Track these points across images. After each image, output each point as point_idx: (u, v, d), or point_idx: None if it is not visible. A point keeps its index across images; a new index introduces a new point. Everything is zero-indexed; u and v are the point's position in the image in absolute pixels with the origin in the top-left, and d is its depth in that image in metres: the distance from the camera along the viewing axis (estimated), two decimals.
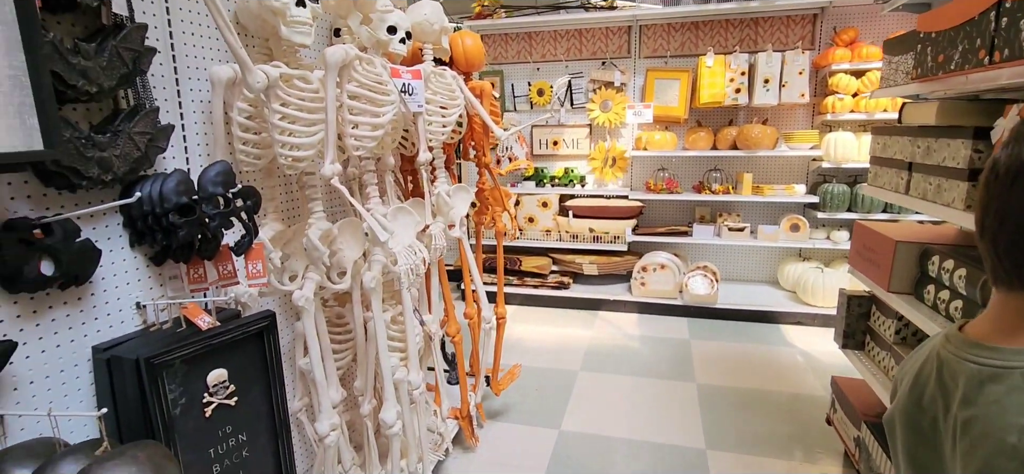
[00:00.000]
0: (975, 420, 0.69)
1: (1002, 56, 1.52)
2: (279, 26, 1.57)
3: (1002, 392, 0.68)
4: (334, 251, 1.85)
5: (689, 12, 4.58)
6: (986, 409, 0.68)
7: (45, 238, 1.14)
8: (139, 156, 1.31)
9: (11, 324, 1.13)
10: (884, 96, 2.39)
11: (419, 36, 2.23)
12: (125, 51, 1.25)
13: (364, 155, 1.88)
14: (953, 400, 0.75)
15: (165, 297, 1.45)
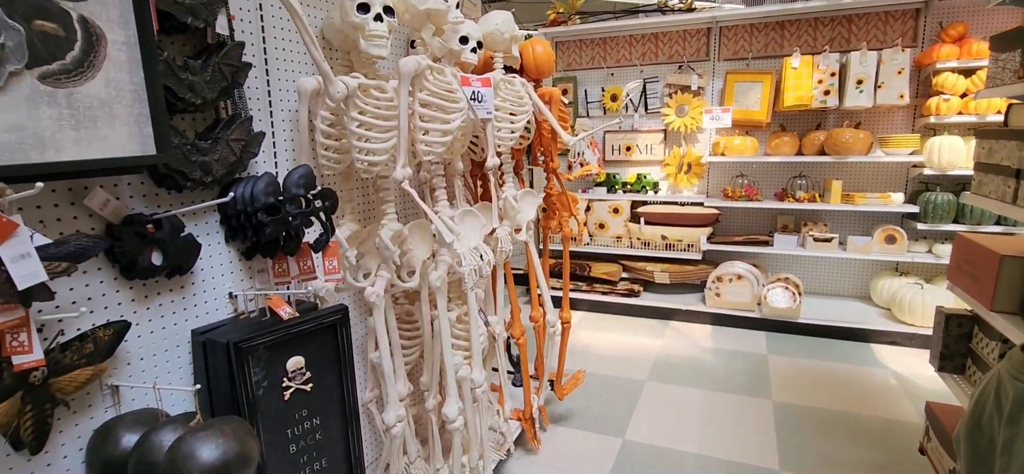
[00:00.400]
0: (1014, 440, 0.64)
1: None
2: (359, 40, 1.68)
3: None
4: (404, 251, 1.95)
5: (773, 11, 4.37)
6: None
7: (156, 232, 1.30)
8: (234, 160, 1.45)
9: (126, 307, 1.30)
10: (990, 96, 2.18)
11: (490, 45, 2.30)
12: (226, 67, 1.40)
13: (434, 160, 1.96)
14: (1002, 419, 0.70)
15: (253, 288, 1.60)
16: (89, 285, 1.22)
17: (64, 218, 1.17)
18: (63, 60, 1.03)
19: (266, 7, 1.61)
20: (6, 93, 0.95)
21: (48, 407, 1.12)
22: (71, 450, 1.20)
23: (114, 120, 1.12)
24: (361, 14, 1.65)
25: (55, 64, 1.01)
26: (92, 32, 1.07)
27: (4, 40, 0.94)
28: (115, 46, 1.10)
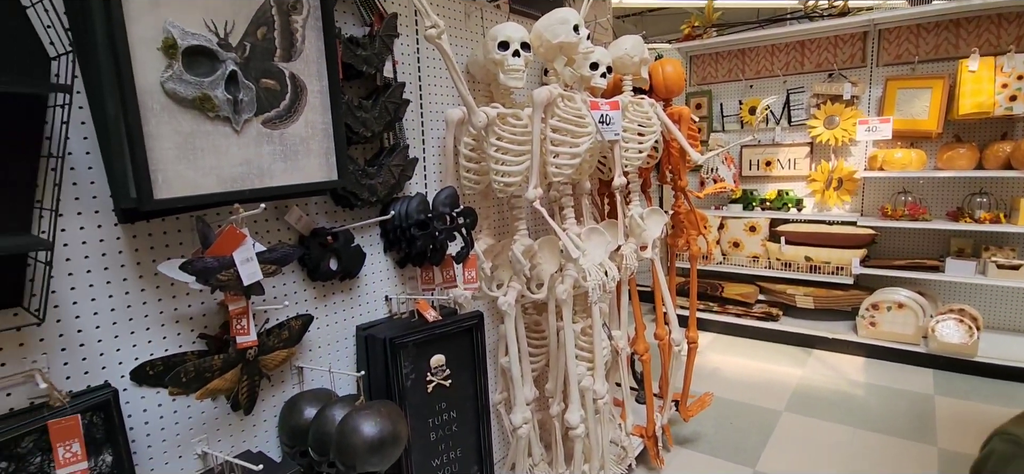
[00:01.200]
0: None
1: None
2: (498, 73, 1.87)
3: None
4: (534, 265, 2.10)
5: (946, 9, 3.89)
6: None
7: (333, 243, 1.58)
8: (394, 183, 1.71)
9: (311, 304, 1.59)
10: None
11: (619, 69, 2.38)
12: (390, 104, 1.66)
13: (563, 181, 2.09)
14: None
15: (404, 293, 1.84)
16: (286, 284, 1.52)
17: (271, 230, 1.48)
18: (278, 108, 1.32)
19: (422, 52, 1.87)
20: (242, 135, 1.25)
21: (257, 379, 1.42)
22: (269, 415, 1.51)
23: (309, 153, 1.40)
24: (501, 51, 1.83)
25: (273, 112, 1.31)
26: (298, 85, 1.35)
27: (243, 96, 1.24)
28: (313, 94, 1.39)
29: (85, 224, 1.14)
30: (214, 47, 1.20)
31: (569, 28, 1.90)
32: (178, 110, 1.15)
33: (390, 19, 1.65)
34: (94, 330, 1.16)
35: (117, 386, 1.17)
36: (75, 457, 1.03)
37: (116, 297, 1.19)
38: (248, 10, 1.26)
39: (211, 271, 1.19)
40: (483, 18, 2.12)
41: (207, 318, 1.35)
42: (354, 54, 1.54)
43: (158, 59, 1.12)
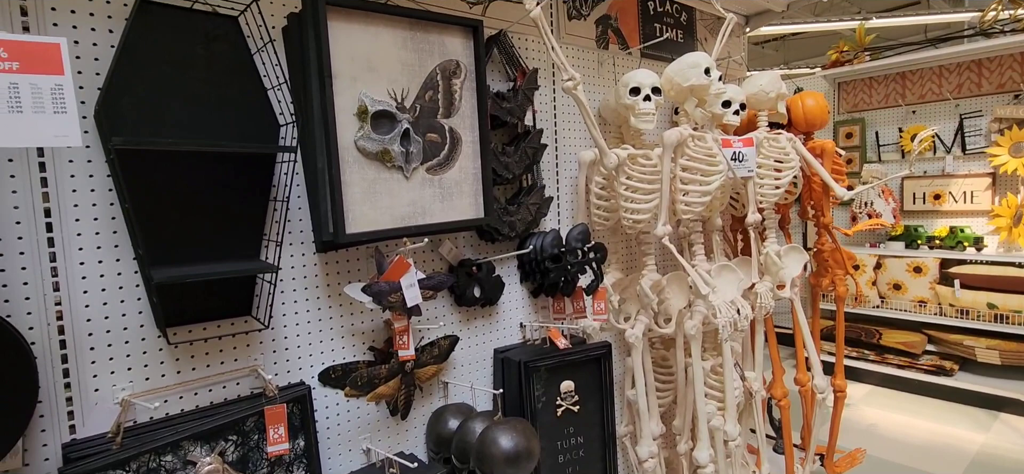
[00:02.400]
0: None
1: None
2: (629, 117, 1.98)
3: None
4: (662, 299, 2.14)
5: None
6: None
7: (477, 273, 1.78)
8: (531, 220, 1.87)
9: (457, 326, 1.80)
10: None
11: (754, 105, 2.36)
12: (529, 149, 1.84)
13: (692, 218, 2.12)
14: None
15: (538, 321, 1.99)
16: (438, 307, 1.74)
17: (426, 260, 1.71)
18: (438, 157, 1.55)
19: (559, 99, 2.04)
20: (411, 181, 1.50)
21: (412, 389, 1.64)
22: (419, 422, 1.72)
23: (462, 194, 1.61)
24: (633, 96, 1.94)
25: (434, 160, 1.55)
26: (455, 137, 1.58)
27: (413, 148, 1.49)
28: (466, 144, 1.61)
29: (294, 253, 1.44)
30: (393, 110, 1.46)
31: (700, 72, 1.95)
32: (365, 162, 1.42)
33: (531, 74, 1.84)
34: (296, 337, 1.45)
35: (310, 384, 1.45)
36: (281, 438, 1.30)
37: (313, 312, 1.47)
38: (420, 79, 1.51)
39: (384, 293, 1.43)
40: (615, 65, 2.25)
41: (375, 333, 1.60)
42: (500, 107, 1.75)
43: (353, 122, 1.40)
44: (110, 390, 1.18)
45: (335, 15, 1.35)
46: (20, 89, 0.79)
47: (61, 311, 1.13)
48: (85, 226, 1.16)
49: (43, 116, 0.81)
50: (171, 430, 1.19)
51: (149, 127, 1.19)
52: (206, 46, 1.28)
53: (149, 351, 1.23)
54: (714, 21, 2.71)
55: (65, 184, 1.14)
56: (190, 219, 1.24)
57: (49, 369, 1.12)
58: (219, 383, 1.33)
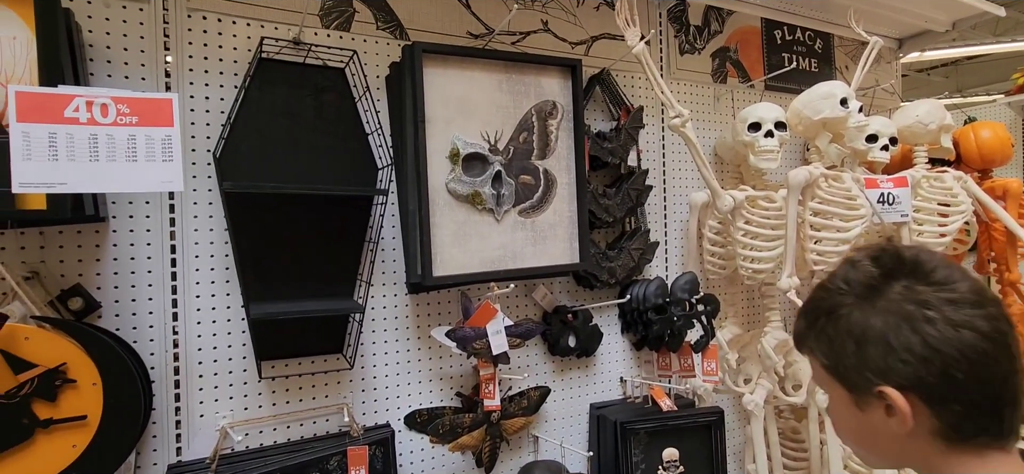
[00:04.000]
0: None
1: None
2: (748, 155, 1.78)
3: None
4: (789, 363, 1.86)
5: None
6: None
7: (573, 321, 1.68)
8: (633, 266, 1.74)
9: (549, 377, 1.70)
10: None
11: (909, 139, 2.02)
12: (632, 191, 1.72)
13: (827, 270, 1.83)
14: None
15: (640, 377, 1.82)
16: (528, 356, 1.66)
17: (519, 305, 1.65)
18: (532, 199, 1.50)
19: (668, 137, 1.90)
20: (502, 223, 1.46)
21: (498, 441, 1.57)
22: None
23: (556, 238, 1.54)
24: (752, 132, 1.74)
25: (527, 203, 1.49)
26: (549, 179, 1.52)
27: (504, 191, 1.45)
28: (561, 186, 1.54)
29: (387, 293, 1.46)
30: (486, 153, 1.44)
31: (834, 103, 1.70)
32: (455, 204, 1.41)
33: (636, 112, 1.73)
34: (384, 378, 1.45)
35: (394, 428, 1.43)
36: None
37: (401, 353, 1.47)
38: (514, 120, 1.49)
39: (468, 339, 1.39)
40: (734, 100, 2.06)
41: (463, 379, 1.56)
42: (600, 147, 1.66)
43: (445, 165, 1.40)
44: (213, 417, 1.26)
45: (432, 62, 1.38)
46: (137, 140, 0.88)
47: (177, 340, 1.24)
48: (202, 263, 1.26)
49: (154, 164, 0.89)
50: (261, 461, 1.24)
51: (263, 172, 1.28)
52: (315, 97, 1.37)
53: (249, 383, 1.30)
54: (857, 47, 2.40)
55: (189, 224, 1.25)
56: (292, 258, 1.31)
57: (164, 393, 1.22)
58: (309, 419, 1.36)
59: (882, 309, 0.64)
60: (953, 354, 0.60)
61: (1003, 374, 0.61)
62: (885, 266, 0.67)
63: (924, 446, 0.64)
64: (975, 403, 0.61)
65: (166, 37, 1.23)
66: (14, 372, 0.95)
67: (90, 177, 0.85)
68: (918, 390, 0.62)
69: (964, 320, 0.61)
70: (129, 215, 1.20)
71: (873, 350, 0.64)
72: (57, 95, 0.83)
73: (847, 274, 0.70)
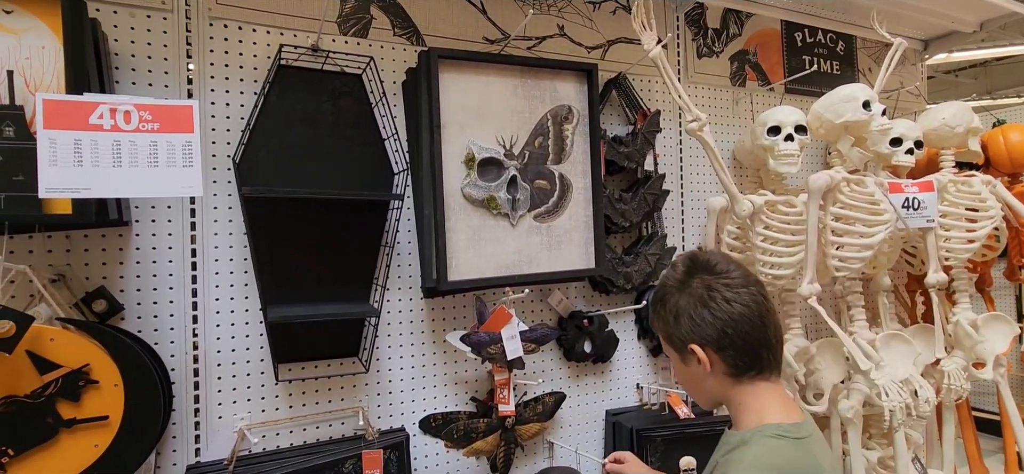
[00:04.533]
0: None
1: None
2: (768, 159, 1.75)
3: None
4: (811, 370, 1.82)
5: None
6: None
7: (589, 326, 1.67)
8: (649, 271, 1.72)
9: (564, 382, 1.69)
10: None
11: (935, 142, 1.97)
12: (649, 195, 1.70)
13: (850, 276, 1.79)
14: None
15: (657, 383, 1.80)
16: (543, 361, 1.65)
17: (534, 310, 1.64)
18: (547, 204, 1.50)
19: (685, 142, 1.88)
20: (517, 228, 1.46)
21: (513, 446, 1.56)
22: None
23: (571, 243, 1.53)
24: (772, 136, 1.72)
25: (542, 207, 1.49)
26: (565, 183, 1.52)
27: (520, 195, 1.45)
28: (577, 191, 1.53)
29: (403, 297, 1.47)
30: (501, 157, 1.44)
31: (856, 105, 1.67)
32: (470, 209, 1.41)
33: (653, 116, 1.72)
34: (399, 382, 1.46)
35: (409, 431, 1.44)
36: None
37: (416, 358, 1.48)
38: (529, 125, 1.49)
39: (483, 344, 1.39)
40: (753, 103, 2.03)
41: (478, 384, 1.56)
42: (616, 151, 1.65)
43: (460, 170, 1.40)
44: (231, 419, 1.28)
45: (448, 67, 1.38)
46: (158, 146, 0.90)
47: (197, 342, 1.26)
48: (222, 266, 1.28)
49: (174, 170, 0.91)
50: (278, 463, 1.25)
51: (281, 177, 1.30)
52: (333, 102, 1.38)
53: (267, 385, 1.32)
54: (880, 49, 2.35)
55: (209, 228, 1.28)
56: (309, 262, 1.32)
57: (183, 394, 1.24)
58: (325, 421, 1.37)
59: (687, 294, 0.93)
60: (726, 319, 0.89)
61: (759, 330, 0.90)
62: (689, 265, 0.95)
63: (721, 382, 0.93)
64: (742, 349, 0.90)
65: (188, 45, 1.26)
66: (40, 372, 0.97)
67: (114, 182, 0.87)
68: (709, 344, 0.91)
69: (733, 297, 0.89)
70: (152, 219, 1.22)
71: (684, 321, 0.92)
72: (82, 103, 0.85)
73: (669, 273, 0.99)
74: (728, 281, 0.91)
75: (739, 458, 0.90)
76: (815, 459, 0.89)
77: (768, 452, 0.87)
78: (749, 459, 0.88)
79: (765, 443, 0.89)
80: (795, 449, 0.87)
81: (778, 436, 0.88)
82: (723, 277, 0.91)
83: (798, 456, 0.87)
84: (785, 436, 0.88)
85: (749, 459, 0.88)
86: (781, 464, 0.86)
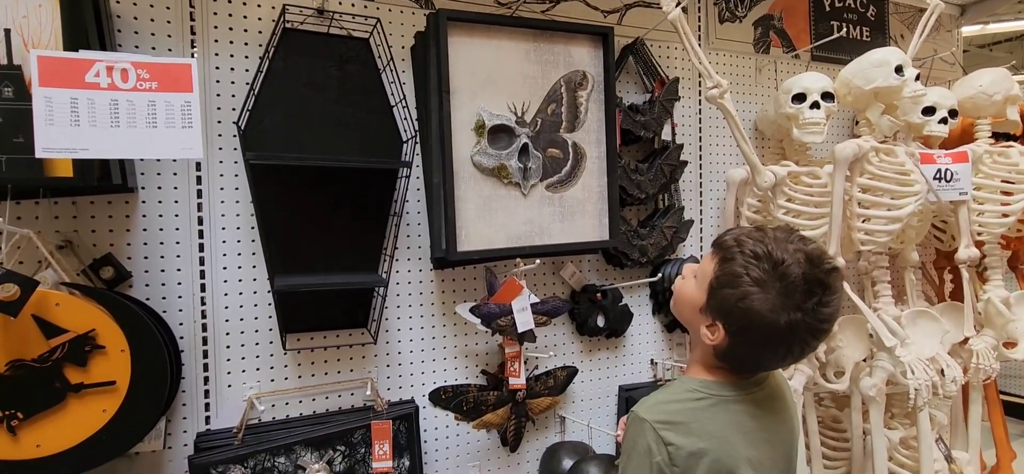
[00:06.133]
0: None
1: None
2: (792, 128, 1.68)
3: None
4: (832, 347, 1.76)
5: None
6: None
7: (602, 300, 1.63)
8: (665, 245, 1.67)
9: (577, 357, 1.66)
10: None
11: (970, 111, 1.87)
12: (666, 166, 1.65)
13: (876, 250, 1.72)
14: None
15: (671, 359, 1.76)
16: (555, 335, 1.62)
17: (546, 283, 1.61)
18: (560, 173, 1.45)
19: (705, 111, 1.81)
20: (528, 198, 1.42)
21: (524, 420, 1.54)
22: (532, 457, 1.61)
23: (585, 214, 1.49)
24: (796, 104, 1.64)
25: (555, 177, 1.45)
26: (578, 152, 1.47)
27: (531, 164, 1.40)
28: (591, 160, 1.48)
29: (412, 268, 1.44)
30: (512, 125, 1.40)
31: (888, 71, 1.58)
32: (480, 178, 1.37)
33: (671, 84, 1.65)
34: (408, 354, 1.44)
35: (418, 404, 1.42)
36: (385, 456, 1.29)
37: (425, 329, 1.46)
38: (542, 91, 1.44)
39: (493, 316, 1.36)
40: (777, 71, 1.95)
41: (489, 357, 1.53)
42: (632, 120, 1.59)
43: (470, 137, 1.36)
44: (240, 388, 1.27)
45: (457, 30, 1.33)
46: (157, 106, 0.88)
47: (206, 311, 1.25)
48: (229, 235, 1.27)
49: (173, 131, 0.88)
50: (286, 432, 1.24)
51: (286, 144, 1.27)
52: (340, 67, 1.34)
53: (275, 355, 1.31)
54: (913, 14, 2.24)
55: (215, 196, 1.26)
56: (317, 232, 1.30)
57: (193, 363, 1.24)
58: (334, 392, 1.36)
59: (768, 293, 0.81)
60: (768, 339, 0.83)
61: (779, 360, 0.88)
62: (807, 268, 0.81)
63: (709, 350, 0.89)
64: (752, 363, 0.89)
65: (191, 7, 1.23)
66: (46, 337, 0.97)
67: (112, 143, 0.85)
68: (735, 337, 0.84)
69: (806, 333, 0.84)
70: (157, 187, 1.21)
71: (738, 303, 0.82)
72: (78, 59, 0.83)
73: (784, 252, 0.83)
74: (819, 318, 0.82)
75: (648, 398, 0.92)
76: (721, 416, 0.87)
77: (672, 400, 0.89)
78: (651, 401, 0.90)
79: (676, 392, 0.91)
80: (700, 403, 0.87)
81: (694, 390, 0.89)
82: (815, 312, 0.81)
83: (698, 409, 0.87)
84: (700, 391, 0.89)
85: (651, 401, 0.90)
86: (675, 411, 0.87)
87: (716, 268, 0.90)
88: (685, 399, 0.89)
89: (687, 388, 0.91)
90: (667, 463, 0.84)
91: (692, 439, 0.85)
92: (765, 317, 0.81)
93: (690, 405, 0.88)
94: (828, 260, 0.85)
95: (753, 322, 0.82)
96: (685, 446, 0.84)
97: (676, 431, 0.85)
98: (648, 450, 0.84)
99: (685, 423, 0.86)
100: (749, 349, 0.86)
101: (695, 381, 0.91)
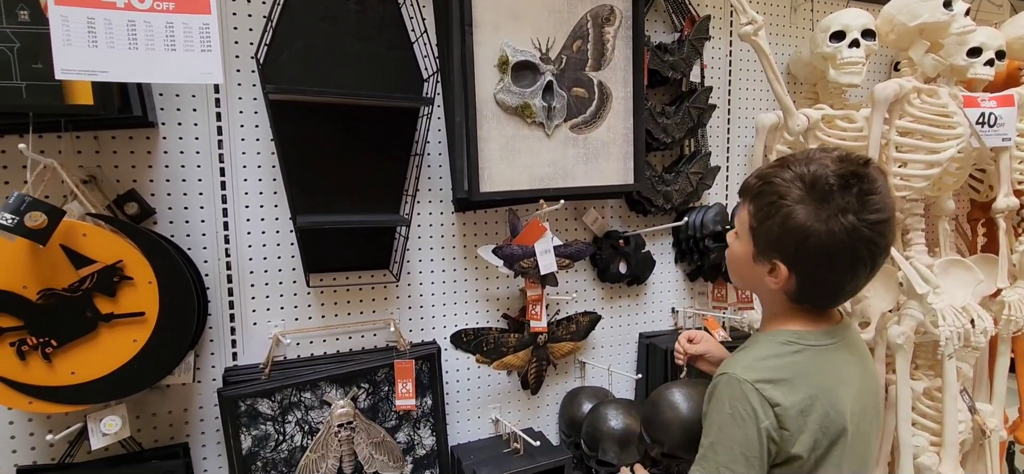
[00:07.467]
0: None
1: None
2: (828, 69, 1.60)
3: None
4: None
5: None
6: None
7: (624, 246, 1.60)
8: (690, 191, 1.63)
9: (599, 303, 1.65)
10: None
11: (1019, 53, 1.77)
12: (694, 110, 1.59)
13: (912, 196, 1.66)
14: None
15: (693, 307, 1.74)
16: (576, 281, 1.61)
17: (568, 228, 1.59)
18: (585, 114, 1.41)
19: (736, 53, 1.74)
20: (552, 139, 1.38)
21: (544, 364, 1.54)
22: (552, 400, 1.62)
23: (609, 157, 1.45)
24: (834, 43, 1.56)
25: (580, 117, 1.40)
26: (604, 92, 1.42)
27: (556, 103, 1.36)
28: (617, 100, 1.44)
29: (433, 210, 1.42)
30: (536, 61, 1.35)
31: (936, 5, 1.49)
32: (504, 116, 1.34)
33: (701, 22, 1.58)
34: (430, 296, 1.44)
35: (440, 345, 1.43)
36: (408, 394, 1.30)
37: (447, 272, 1.45)
38: (568, 26, 1.38)
39: (515, 257, 1.35)
40: (814, 10, 1.85)
41: (510, 301, 1.53)
42: (660, 60, 1.53)
43: (493, 74, 1.32)
44: (265, 325, 1.28)
45: None
46: (174, 28, 0.85)
47: (229, 249, 1.25)
48: (250, 172, 1.26)
49: (192, 54, 0.86)
50: (311, 369, 1.26)
51: (306, 79, 1.24)
52: (358, 1, 1.30)
53: (299, 294, 1.31)
54: None
55: (235, 132, 1.24)
56: (338, 171, 1.28)
57: (218, 299, 1.24)
58: (358, 332, 1.37)
59: (820, 217, 0.77)
60: (835, 268, 0.81)
61: (853, 287, 0.85)
62: (842, 175, 0.78)
63: (778, 296, 0.87)
64: (825, 296, 0.86)
65: None
66: (75, 267, 0.97)
67: (130, 66, 0.83)
68: (801, 276, 0.82)
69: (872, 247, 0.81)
70: (178, 123, 1.19)
71: (793, 239, 0.80)
72: None
73: (819, 171, 0.80)
74: (879, 230, 0.78)
75: (738, 357, 0.87)
76: (823, 365, 0.82)
77: (769, 356, 0.83)
78: (746, 360, 0.84)
79: (770, 346, 0.85)
80: (799, 355, 0.82)
81: (788, 341, 0.84)
82: (875, 225, 0.77)
83: (799, 361, 0.82)
84: (794, 342, 0.83)
85: (746, 360, 0.84)
86: (776, 367, 0.81)
87: (750, 208, 0.87)
88: (783, 352, 0.83)
89: (780, 341, 0.84)
90: (775, 428, 0.77)
91: (800, 396, 0.79)
92: (814, 228, 0.77)
93: (789, 359, 0.82)
94: (859, 155, 0.81)
95: (805, 239, 0.78)
96: (793, 404, 0.78)
97: (781, 388, 0.79)
98: (753, 414, 0.77)
99: (789, 379, 0.80)
100: (816, 273, 0.81)
101: (787, 331, 0.85)
